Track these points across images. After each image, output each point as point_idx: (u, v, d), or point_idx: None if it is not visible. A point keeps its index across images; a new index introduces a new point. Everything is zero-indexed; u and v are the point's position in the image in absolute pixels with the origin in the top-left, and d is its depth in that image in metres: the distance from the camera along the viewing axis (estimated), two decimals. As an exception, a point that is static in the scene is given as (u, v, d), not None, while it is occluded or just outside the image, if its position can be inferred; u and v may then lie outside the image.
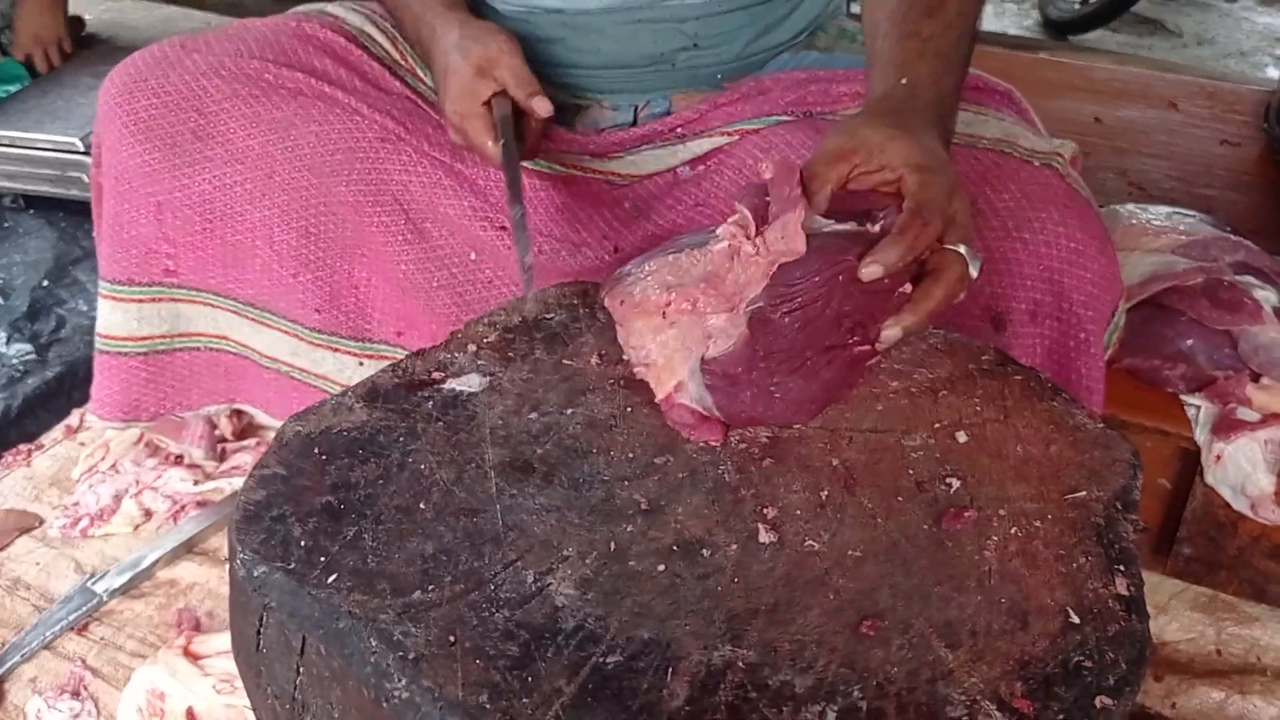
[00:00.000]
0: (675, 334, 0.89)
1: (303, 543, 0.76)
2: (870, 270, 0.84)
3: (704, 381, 0.87)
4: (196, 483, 1.48)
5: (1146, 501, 1.41)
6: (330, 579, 0.73)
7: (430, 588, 0.73)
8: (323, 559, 0.75)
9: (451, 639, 0.69)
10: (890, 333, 0.88)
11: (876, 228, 0.88)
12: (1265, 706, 1.28)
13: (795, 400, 0.87)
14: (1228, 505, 1.32)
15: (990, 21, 4.48)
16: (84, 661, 1.23)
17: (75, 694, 1.20)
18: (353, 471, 0.82)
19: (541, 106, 1.14)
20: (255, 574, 0.75)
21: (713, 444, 0.87)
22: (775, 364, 0.86)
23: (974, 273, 0.89)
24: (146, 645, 1.25)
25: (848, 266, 0.85)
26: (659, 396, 0.89)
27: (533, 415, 0.88)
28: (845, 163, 0.91)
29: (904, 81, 0.98)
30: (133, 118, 1.25)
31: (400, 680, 0.68)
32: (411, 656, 0.68)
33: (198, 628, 1.26)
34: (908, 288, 0.88)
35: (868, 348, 0.89)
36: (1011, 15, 4.56)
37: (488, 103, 1.14)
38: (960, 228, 0.88)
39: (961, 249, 0.88)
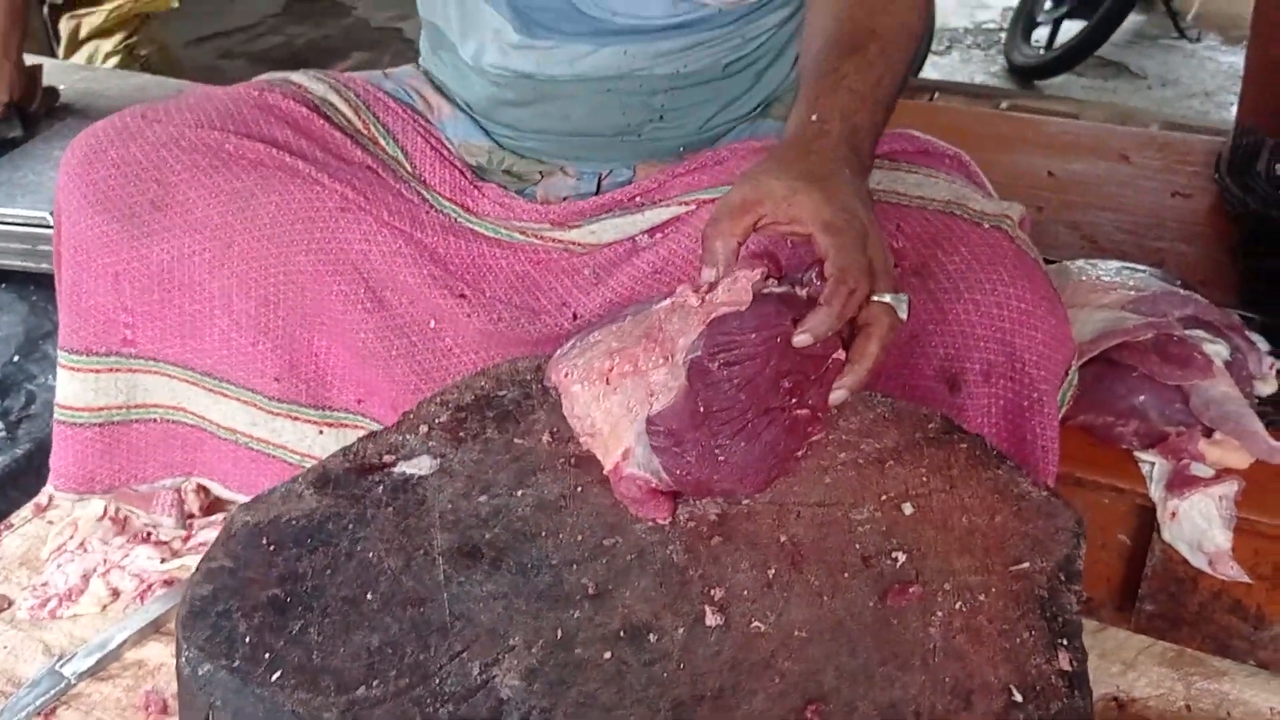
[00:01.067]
0: (619, 399, 0.89)
1: (248, 639, 0.76)
2: (802, 339, 0.86)
3: (650, 443, 0.87)
4: (164, 560, 1.47)
5: (1106, 558, 1.42)
6: (274, 676, 0.73)
7: (375, 683, 0.73)
8: (267, 655, 0.75)
9: (396, 736, 0.70)
10: (835, 396, 0.90)
11: (804, 292, 0.89)
12: (1236, 762, 1.28)
13: (740, 464, 0.87)
14: (1186, 561, 1.32)
15: (957, 69, 4.55)
16: (53, 747, 1.22)
17: (44, 781, 1.19)
18: (300, 562, 0.82)
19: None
20: (200, 672, 0.74)
21: (660, 522, 0.87)
22: (718, 424, 0.86)
23: (903, 314, 0.90)
24: (115, 729, 1.24)
25: (784, 330, 0.86)
26: (607, 467, 0.89)
27: (482, 498, 0.89)
28: (750, 214, 0.91)
29: (815, 118, 0.98)
30: (92, 188, 1.25)
31: (344, 779, 0.68)
32: (355, 755, 0.68)
33: (165, 710, 1.25)
34: (840, 354, 0.89)
35: (807, 412, 0.90)
36: (978, 62, 4.64)
37: None
38: (881, 275, 0.89)
39: (887, 297, 0.89)
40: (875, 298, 0.89)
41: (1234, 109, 3.19)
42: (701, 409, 0.86)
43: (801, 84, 1.06)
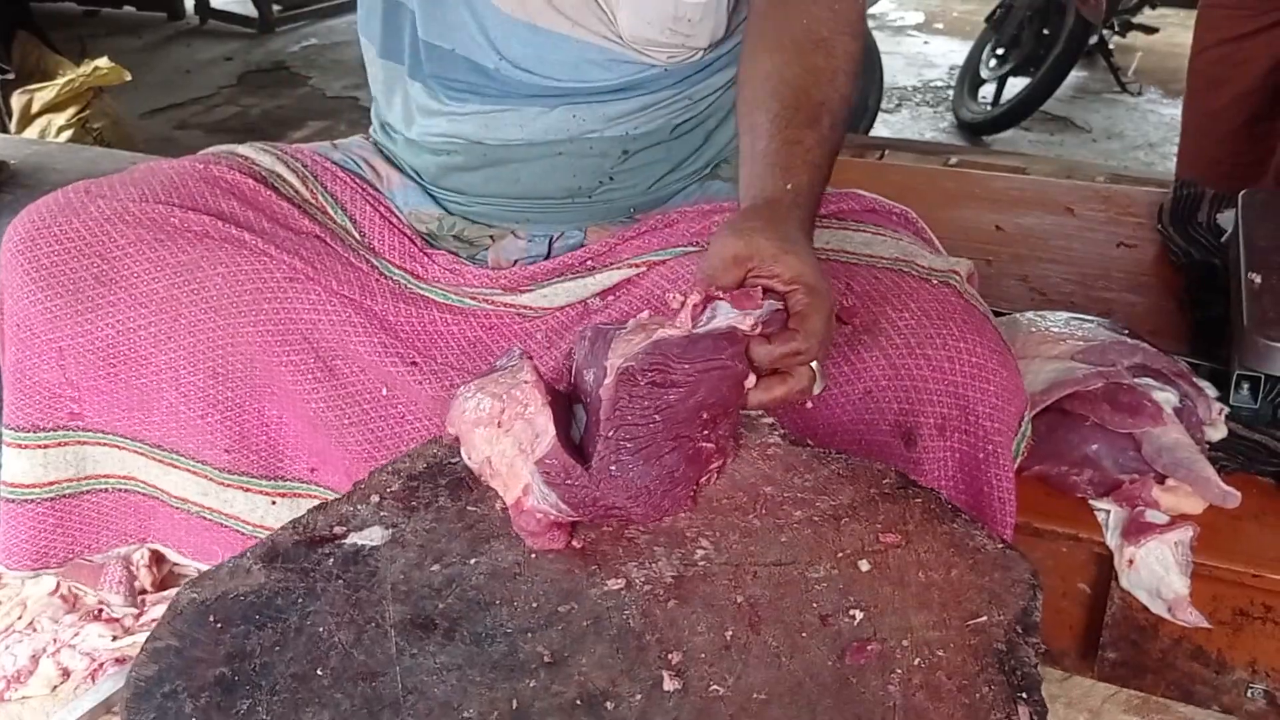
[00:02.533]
0: (510, 440, 0.90)
1: None
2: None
3: (543, 479, 0.88)
4: (115, 638, 1.44)
5: (1067, 606, 1.42)
6: (222, 757, 0.72)
7: (326, 761, 0.71)
8: (215, 736, 0.73)
9: (347, 816, 0.68)
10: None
11: (750, 326, 0.91)
12: (1205, 812, 1.28)
13: (635, 483, 0.89)
14: (1147, 609, 1.32)
15: (906, 125, 4.64)
16: (-4, 837, 1.18)
17: None
18: (249, 639, 0.80)
19: None
20: (145, 756, 0.73)
21: (557, 549, 0.89)
22: (624, 437, 0.88)
23: (817, 390, 0.94)
24: (63, 816, 1.21)
25: (720, 366, 0.89)
26: (509, 502, 0.90)
27: (435, 567, 0.87)
28: (741, 267, 0.94)
29: (789, 187, 1.02)
30: (34, 265, 1.24)
31: None
32: (305, 837, 0.66)
33: (116, 793, 1.22)
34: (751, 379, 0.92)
35: (713, 445, 0.92)
36: (927, 119, 4.73)
37: None
38: (826, 347, 0.94)
39: (814, 365, 0.93)
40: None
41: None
42: (615, 416, 0.88)
43: (766, 141, 1.08)
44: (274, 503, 1.31)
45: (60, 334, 1.25)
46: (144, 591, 1.44)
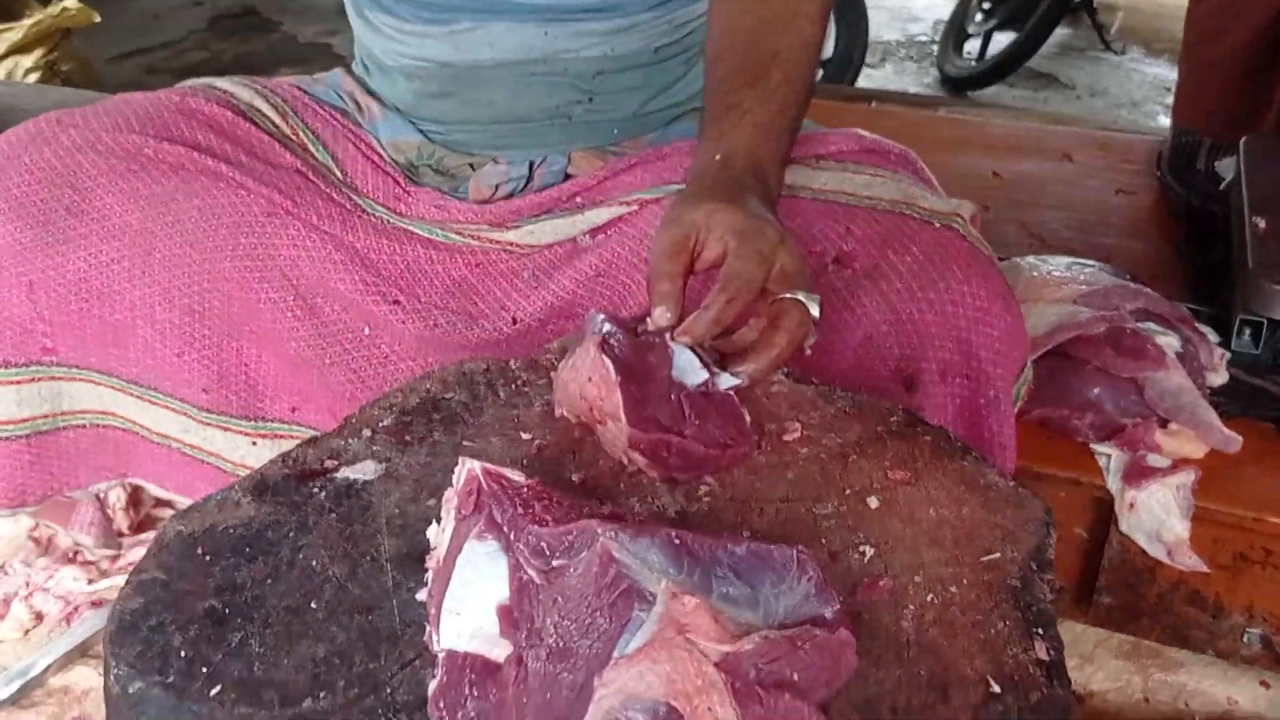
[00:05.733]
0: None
1: (183, 653, 0.71)
2: (681, 340, 0.89)
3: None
4: (91, 581, 1.41)
5: (1064, 551, 1.41)
6: (213, 691, 0.68)
7: (322, 695, 0.69)
8: (205, 669, 0.70)
9: (345, 750, 0.65)
10: (726, 380, 0.90)
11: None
12: (1195, 755, 1.28)
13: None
14: (1144, 552, 1.32)
15: (890, 80, 4.60)
16: (-28, 780, 1.16)
17: (-35, 816, 1.13)
18: (239, 572, 0.77)
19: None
20: (131, 690, 0.69)
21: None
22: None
23: (815, 312, 0.92)
24: (40, 760, 1.19)
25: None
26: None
27: (431, 502, 0.84)
28: (684, 250, 0.93)
29: (718, 157, 1.02)
30: (3, 195, 1.20)
31: (291, 800, 0.63)
32: (302, 772, 0.64)
33: (93, 737, 1.20)
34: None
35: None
36: (911, 74, 4.69)
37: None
38: (791, 275, 0.92)
39: (799, 295, 0.91)
40: (786, 294, 0.91)
41: (1160, 118, 3.24)
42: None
43: (706, 111, 1.09)
44: (254, 443, 1.28)
45: (30, 267, 1.21)
46: (121, 534, 1.41)
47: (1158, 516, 1.28)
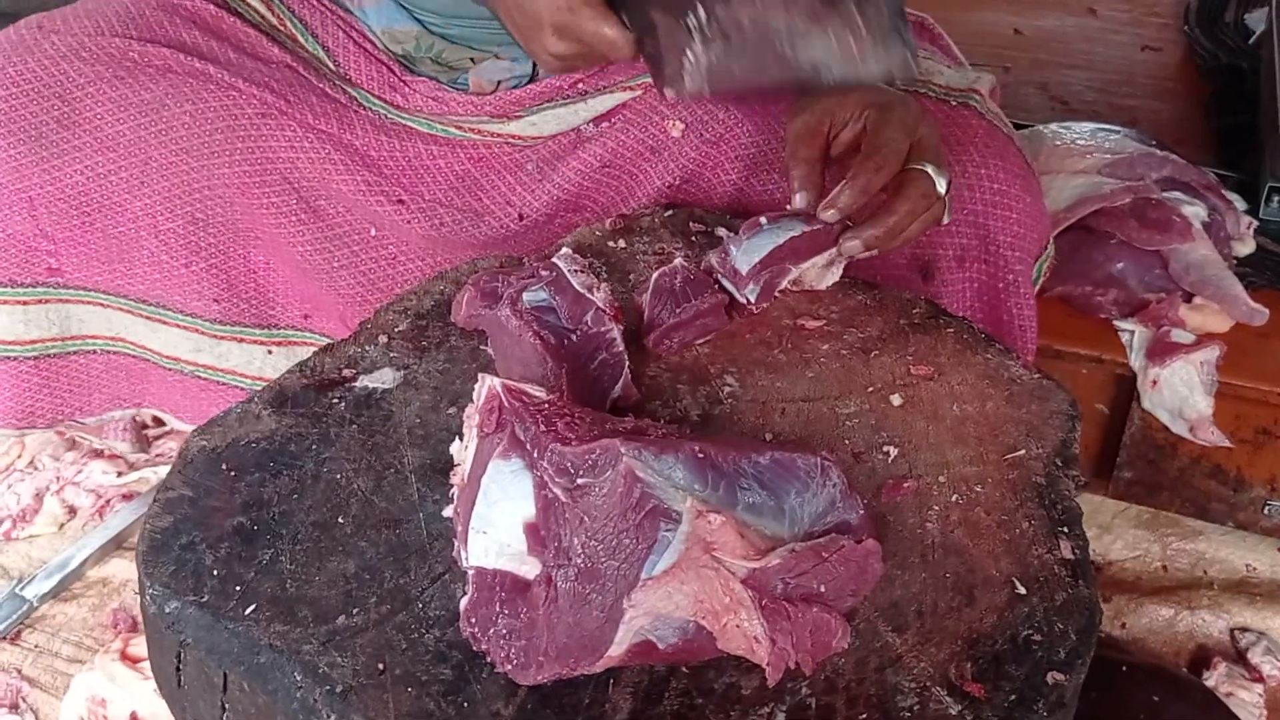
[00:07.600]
0: None
1: (215, 571, 0.72)
2: (829, 214, 0.91)
3: None
4: (120, 474, 1.42)
5: (1085, 428, 1.40)
6: (248, 610, 0.69)
7: (355, 611, 0.69)
8: (238, 588, 0.71)
9: (380, 666, 0.66)
10: (850, 244, 0.92)
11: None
12: (1214, 620, 1.30)
13: None
14: (1166, 428, 1.32)
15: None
16: (19, 672, 1.19)
17: (14, 707, 1.16)
18: (264, 487, 0.78)
19: None
20: (168, 610, 0.70)
21: None
22: None
23: (941, 188, 0.92)
24: (83, 649, 1.22)
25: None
26: None
27: (451, 410, 0.84)
28: (819, 135, 0.94)
29: None
30: None
31: (329, 715, 0.64)
32: (339, 689, 0.65)
33: (135, 627, 1.22)
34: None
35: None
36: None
37: None
38: (928, 150, 0.93)
39: (927, 167, 0.91)
40: (914, 165, 0.92)
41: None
42: None
43: None
44: (270, 352, 1.27)
45: (28, 183, 1.18)
46: (146, 426, 1.42)
47: (1181, 394, 1.27)
